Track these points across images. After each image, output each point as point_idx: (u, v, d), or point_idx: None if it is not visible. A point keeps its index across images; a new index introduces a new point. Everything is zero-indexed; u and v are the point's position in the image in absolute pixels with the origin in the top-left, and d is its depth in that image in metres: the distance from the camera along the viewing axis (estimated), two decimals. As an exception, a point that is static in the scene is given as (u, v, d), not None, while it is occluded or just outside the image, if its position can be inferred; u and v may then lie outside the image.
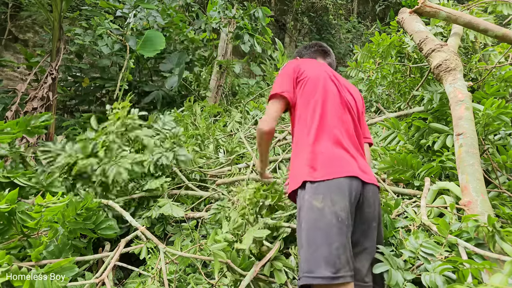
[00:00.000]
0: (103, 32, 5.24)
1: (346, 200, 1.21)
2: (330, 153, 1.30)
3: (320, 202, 1.20)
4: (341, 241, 1.15)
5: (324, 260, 1.12)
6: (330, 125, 1.36)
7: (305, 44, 1.81)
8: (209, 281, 1.71)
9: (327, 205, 1.19)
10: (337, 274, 1.11)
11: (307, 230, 1.19)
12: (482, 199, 1.50)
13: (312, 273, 1.12)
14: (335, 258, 1.12)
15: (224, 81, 6.02)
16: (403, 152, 2.37)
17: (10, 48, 7.00)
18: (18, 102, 4.09)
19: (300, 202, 1.27)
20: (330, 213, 1.18)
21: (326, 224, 1.16)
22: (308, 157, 1.30)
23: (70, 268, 1.24)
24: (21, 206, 1.63)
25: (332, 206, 1.18)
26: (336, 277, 1.10)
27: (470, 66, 2.62)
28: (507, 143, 2.10)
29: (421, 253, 1.39)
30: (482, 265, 1.10)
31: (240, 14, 5.69)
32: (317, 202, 1.20)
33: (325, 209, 1.18)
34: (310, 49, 1.76)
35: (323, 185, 1.22)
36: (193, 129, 3.98)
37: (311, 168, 1.27)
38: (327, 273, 1.10)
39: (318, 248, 1.14)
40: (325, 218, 1.17)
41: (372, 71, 3.59)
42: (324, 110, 1.38)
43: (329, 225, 1.16)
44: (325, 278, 1.10)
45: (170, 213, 2.18)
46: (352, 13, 11.69)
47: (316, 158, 1.29)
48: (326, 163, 1.27)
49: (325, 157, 1.29)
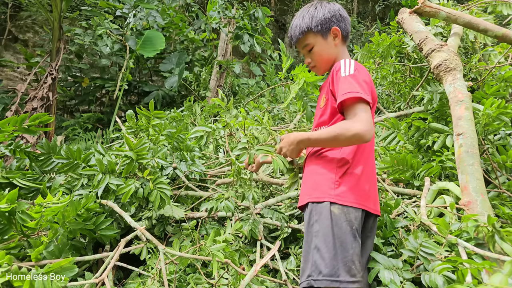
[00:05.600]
0: (103, 32, 5.24)
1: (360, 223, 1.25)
2: (362, 181, 1.27)
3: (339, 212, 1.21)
4: (357, 247, 1.18)
5: (345, 264, 1.14)
6: (369, 150, 1.34)
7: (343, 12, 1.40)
8: (209, 281, 1.71)
9: (343, 212, 1.21)
10: (354, 279, 1.13)
11: (325, 234, 1.19)
12: (482, 199, 1.50)
13: (333, 277, 1.12)
14: (352, 264, 1.15)
15: (224, 81, 6.02)
16: (403, 152, 2.37)
17: (10, 48, 7.00)
18: (18, 102, 4.10)
19: (319, 210, 1.23)
20: (345, 221, 1.19)
21: (343, 230, 1.18)
22: (340, 174, 1.25)
23: (70, 268, 1.24)
24: (21, 206, 1.63)
25: (348, 214, 1.21)
26: (353, 281, 1.13)
27: (470, 66, 2.62)
28: (507, 143, 2.10)
29: (421, 253, 1.39)
30: (481, 265, 1.10)
31: (240, 14, 5.69)
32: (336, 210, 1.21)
33: (342, 217, 1.20)
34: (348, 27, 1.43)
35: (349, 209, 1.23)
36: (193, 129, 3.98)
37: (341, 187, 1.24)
38: (347, 278, 1.12)
39: (339, 252, 1.15)
40: (341, 224, 1.19)
41: (372, 71, 3.59)
42: None
43: (345, 232, 1.18)
44: (345, 282, 1.12)
45: (171, 214, 2.18)
46: (352, 13, 11.69)
47: (350, 180, 1.25)
48: (357, 190, 1.25)
49: (359, 182, 1.26)
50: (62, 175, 2.06)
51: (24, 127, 1.92)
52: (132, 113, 2.75)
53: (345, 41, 1.43)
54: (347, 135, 1.16)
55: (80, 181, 2.00)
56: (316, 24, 1.36)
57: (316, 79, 2.25)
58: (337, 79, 1.25)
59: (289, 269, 1.80)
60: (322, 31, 1.36)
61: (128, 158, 1.97)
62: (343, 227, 1.18)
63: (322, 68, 1.44)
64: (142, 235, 1.76)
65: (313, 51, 1.40)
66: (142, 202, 2.12)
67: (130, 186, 1.91)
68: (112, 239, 2.05)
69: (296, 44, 1.44)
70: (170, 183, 2.51)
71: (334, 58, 1.40)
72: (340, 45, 1.41)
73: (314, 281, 1.14)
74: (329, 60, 1.41)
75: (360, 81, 1.22)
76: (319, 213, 1.22)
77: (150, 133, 2.59)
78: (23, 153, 2.00)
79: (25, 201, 1.86)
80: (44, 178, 2.03)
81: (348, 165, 1.26)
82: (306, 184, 1.33)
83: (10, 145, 1.98)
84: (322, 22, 1.36)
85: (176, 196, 2.52)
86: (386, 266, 1.36)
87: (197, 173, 2.65)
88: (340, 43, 1.41)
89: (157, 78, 7.03)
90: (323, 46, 1.38)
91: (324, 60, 1.41)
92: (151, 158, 2.16)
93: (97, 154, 2.08)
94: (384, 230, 1.65)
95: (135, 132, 2.70)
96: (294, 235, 2.08)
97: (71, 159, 2.00)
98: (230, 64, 5.85)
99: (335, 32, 1.38)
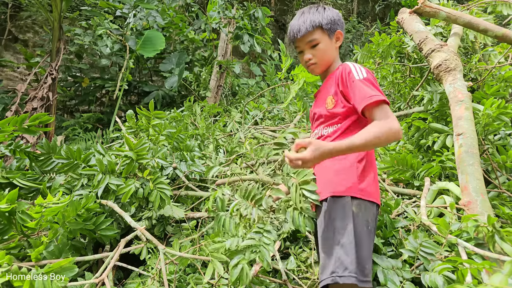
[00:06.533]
0: (103, 32, 5.24)
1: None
2: (376, 175, 1.33)
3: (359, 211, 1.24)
4: (371, 247, 1.22)
5: (360, 264, 1.16)
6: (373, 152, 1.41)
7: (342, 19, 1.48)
8: (209, 281, 1.71)
9: (364, 208, 1.24)
10: (367, 278, 1.15)
11: (349, 231, 1.20)
12: (482, 199, 1.50)
13: (357, 274, 1.14)
14: (366, 263, 1.17)
15: (224, 81, 6.02)
16: (403, 152, 2.37)
17: (10, 48, 7.00)
18: (18, 102, 4.10)
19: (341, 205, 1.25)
20: (365, 220, 1.22)
21: (362, 229, 1.21)
22: (361, 169, 1.29)
23: (70, 268, 1.24)
24: (21, 206, 1.63)
25: (367, 211, 1.24)
26: (366, 281, 1.15)
27: (470, 66, 2.62)
28: (507, 143, 2.10)
29: (421, 253, 1.39)
30: (481, 265, 1.10)
31: (240, 14, 5.69)
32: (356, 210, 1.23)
33: (362, 214, 1.22)
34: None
35: (368, 205, 1.26)
36: (193, 129, 3.99)
37: (364, 182, 1.28)
38: (362, 277, 1.14)
39: (358, 251, 1.18)
40: (361, 222, 1.21)
41: (372, 71, 3.59)
42: None
43: (363, 231, 1.21)
44: (363, 281, 1.14)
45: (171, 214, 2.18)
46: (352, 13, 11.69)
47: (369, 175, 1.30)
48: (375, 184, 1.31)
49: (375, 177, 1.32)
50: (62, 175, 2.06)
51: (24, 127, 1.92)
52: (132, 113, 2.76)
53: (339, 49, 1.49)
54: (390, 134, 1.18)
55: (80, 181, 2.00)
56: (327, 22, 1.39)
57: (316, 79, 2.25)
58: (351, 82, 1.28)
59: (289, 269, 1.80)
60: (329, 30, 1.40)
61: (128, 158, 1.97)
62: (362, 225, 1.21)
63: (321, 67, 1.45)
64: (142, 235, 1.76)
65: (318, 47, 1.40)
66: (142, 202, 2.12)
67: (130, 186, 1.91)
68: (112, 239, 2.05)
69: (302, 37, 1.41)
70: (170, 183, 2.51)
71: (332, 60, 1.44)
72: (337, 50, 1.46)
73: (340, 277, 1.14)
74: (329, 60, 1.44)
75: (376, 84, 1.27)
76: (341, 208, 1.23)
77: (150, 133, 2.59)
78: (23, 153, 2.00)
79: (25, 201, 1.86)
80: (44, 178, 2.03)
81: (365, 160, 1.30)
82: (324, 178, 1.31)
83: (10, 145, 1.98)
84: (332, 22, 1.40)
85: (176, 196, 2.52)
86: (385, 267, 1.36)
87: (197, 173, 2.65)
88: (337, 48, 1.46)
89: (157, 78, 7.03)
90: (328, 45, 1.41)
91: (326, 59, 1.43)
92: (151, 158, 2.16)
93: (97, 154, 2.08)
94: (384, 230, 1.65)
95: (135, 132, 2.70)
96: (294, 235, 2.08)
97: (71, 159, 2.00)
98: (230, 64, 5.85)
99: (338, 36, 1.43)
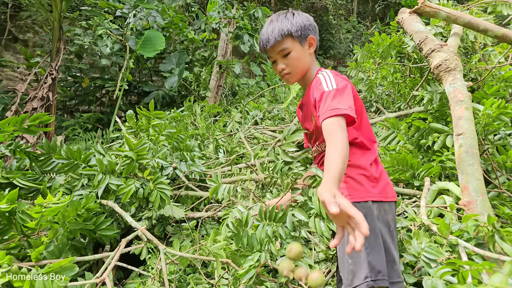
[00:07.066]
0: (103, 32, 5.24)
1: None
2: (386, 174, 1.34)
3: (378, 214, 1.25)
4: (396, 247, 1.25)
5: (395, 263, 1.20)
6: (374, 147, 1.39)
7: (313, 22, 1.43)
8: (209, 281, 1.72)
9: (384, 210, 1.25)
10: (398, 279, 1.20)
11: (375, 235, 1.21)
12: (482, 199, 1.50)
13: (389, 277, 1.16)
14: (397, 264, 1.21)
15: (224, 81, 6.02)
16: (403, 152, 2.37)
17: (10, 48, 7.00)
18: (18, 102, 4.10)
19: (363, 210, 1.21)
20: (384, 222, 1.24)
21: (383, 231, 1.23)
22: (374, 171, 1.29)
23: (70, 268, 1.24)
24: (21, 206, 1.63)
25: (386, 213, 1.26)
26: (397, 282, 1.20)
27: (470, 66, 2.62)
28: (507, 143, 2.10)
29: (423, 258, 1.39)
30: (482, 266, 1.10)
31: (240, 14, 5.69)
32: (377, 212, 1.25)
33: (382, 217, 1.24)
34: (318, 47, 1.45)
35: (386, 205, 1.27)
36: (193, 129, 3.99)
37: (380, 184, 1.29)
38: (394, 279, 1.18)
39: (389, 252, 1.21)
40: (381, 225, 1.23)
41: (372, 71, 3.59)
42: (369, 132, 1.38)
43: (385, 233, 1.23)
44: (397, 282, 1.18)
45: (171, 214, 2.18)
46: (352, 13, 11.70)
47: (382, 175, 1.31)
48: (390, 183, 1.32)
49: (386, 177, 1.32)
50: (62, 175, 2.06)
51: (24, 127, 1.92)
52: (132, 113, 2.76)
53: (315, 53, 1.42)
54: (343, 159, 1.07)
55: (80, 181, 2.00)
56: (297, 29, 1.33)
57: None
58: (321, 95, 1.21)
59: (289, 269, 1.80)
60: (300, 37, 1.34)
61: (128, 158, 1.97)
62: (384, 226, 1.23)
63: (297, 76, 1.39)
64: (143, 235, 1.76)
65: (290, 56, 1.34)
66: (142, 202, 2.12)
67: (130, 186, 1.91)
68: (112, 239, 2.05)
69: (271, 47, 1.35)
70: (170, 183, 2.51)
71: (307, 67, 1.38)
72: (313, 55, 1.40)
73: (374, 281, 1.14)
74: (304, 68, 1.38)
75: (347, 94, 1.20)
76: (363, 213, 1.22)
77: (150, 133, 2.59)
78: (23, 153, 2.00)
79: (25, 201, 1.86)
80: (44, 178, 2.03)
81: (376, 160, 1.31)
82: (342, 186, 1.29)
83: (10, 145, 1.98)
84: (302, 28, 1.34)
85: (176, 196, 2.52)
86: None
87: (197, 173, 2.65)
88: (312, 53, 1.40)
89: (157, 78, 7.03)
90: (300, 52, 1.35)
91: (300, 67, 1.37)
92: (151, 158, 2.16)
93: (97, 154, 2.08)
94: (384, 230, 1.64)
95: (135, 132, 2.70)
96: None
97: (71, 159, 2.00)
98: (230, 64, 5.85)
99: (311, 41, 1.37)
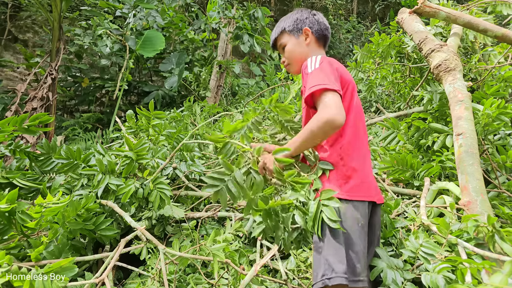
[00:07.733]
0: (103, 32, 5.24)
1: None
2: (362, 172, 1.28)
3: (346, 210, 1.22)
4: (363, 245, 1.20)
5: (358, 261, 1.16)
6: (362, 139, 1.34)
7: (319, 18, 1.51)
8: (209, 281, 1.72)
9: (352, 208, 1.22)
10: (358, 278, 1.15)
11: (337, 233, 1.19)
12: (482, 199, 1.50)
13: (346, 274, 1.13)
14: (358, 262, 1.17)
15: (224, 81, 6.02)
16: (403, 152, 2.37)
17: (10, 48, 7.00)
18: (17, 102, 4.10)
19: None
20: (354, 218, 1.21)
21: (349, 227, 1.19)
22: (345, 169, 1.26)
23: (70, 268, 1.23)
24: (21, 206, 1.63)
25: (356, 210, 1.22)
26: (357, 280, 1.15)
27: (469, 66, 2.62)
28: (506, 143, 2.10)
29: (421, 253, 1.39)
30: (481, 265, 1.10)
31: (240, 14, 5.69)
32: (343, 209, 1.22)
33: (350, 213, 1.21)
34: (324, 32, 1.51)
35: (358, 204, 1.24)
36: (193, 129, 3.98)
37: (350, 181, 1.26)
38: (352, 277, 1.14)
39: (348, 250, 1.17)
40: (350, 221, 1.20)
41: (372, 71, 3.59)
42: (357, 122, 1.33)
43: (353, 230, 1.20)
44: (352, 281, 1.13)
45: (171, 214, 2.18)
46: (351, 13, 11.70)
47: (352, 175, 1.26)
48: (359, 183, 1.27)
49: (359, 176, 1.27)
50: (62, 175, 2.06)
51: (24, 127, 1.92)
52: (132, 113, 2.76)
53: (320, 43, 1.52)
54: (320, 125, 1.17)
55: (80, 181, 1.99)
56: (290, 24, 1.50)
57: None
58: (305, 76, 1.32)
59: (289, 269, 1.80)
60: (294, 31, 1.50)
61: (128, 158, 1.97)
62: (352, 223, 1.20)
63: (295, 65, 1.52)
64: (142, 235, 1.76)
65: (286, 49, 1.51)
66: (142, 202, 2.12)
67: (130, 186, 1.91)
68: (112, 239, 2.05)
69: (274, 44, 1.57)
70: (170, 183, 2.51)
71: (304, 56, 1.47)
72: (312, 45, 1.50)
73: (329, 279, 1.14)
74: (300, 58, 1.48)
75: (326, 72, 1.26)
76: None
77: (150, 133, 2.59)
78: (23, 153, 2.00)
79: (25, 201, 1.86)
80: (44, 178, 2.03)
81: (349, 157, 1.27)
82: None
83: (10, 145, 1.98)
84: (295, 22, 1.50)
85: (176, 196, 2.52)
86: (389, 265, 1.36)
87: (197, 173, 2.65)
88: (312, 43, 1.49)
89: (157, 78, 7.04)
90: (295, 45, 1.49)
91: (296, 57, 1.50)
92: (151, 158, 2.16)
93: (97, 154, 2.08)
94: (384, 230, 1.65)
95: (135, 132, 2.70)
96: (294, 235, 2.08)
97: (71, 159, 2.00)
98: (230, 64, 5.85)
99: (306, 32, 1.49)
